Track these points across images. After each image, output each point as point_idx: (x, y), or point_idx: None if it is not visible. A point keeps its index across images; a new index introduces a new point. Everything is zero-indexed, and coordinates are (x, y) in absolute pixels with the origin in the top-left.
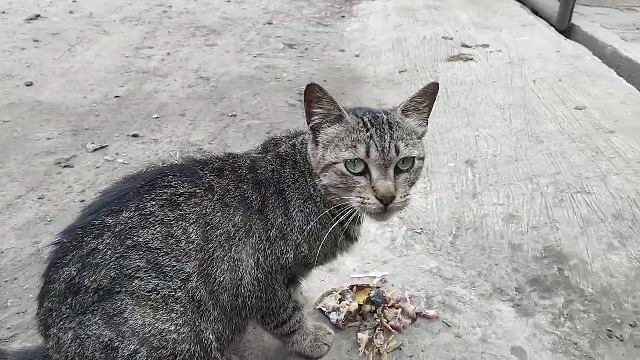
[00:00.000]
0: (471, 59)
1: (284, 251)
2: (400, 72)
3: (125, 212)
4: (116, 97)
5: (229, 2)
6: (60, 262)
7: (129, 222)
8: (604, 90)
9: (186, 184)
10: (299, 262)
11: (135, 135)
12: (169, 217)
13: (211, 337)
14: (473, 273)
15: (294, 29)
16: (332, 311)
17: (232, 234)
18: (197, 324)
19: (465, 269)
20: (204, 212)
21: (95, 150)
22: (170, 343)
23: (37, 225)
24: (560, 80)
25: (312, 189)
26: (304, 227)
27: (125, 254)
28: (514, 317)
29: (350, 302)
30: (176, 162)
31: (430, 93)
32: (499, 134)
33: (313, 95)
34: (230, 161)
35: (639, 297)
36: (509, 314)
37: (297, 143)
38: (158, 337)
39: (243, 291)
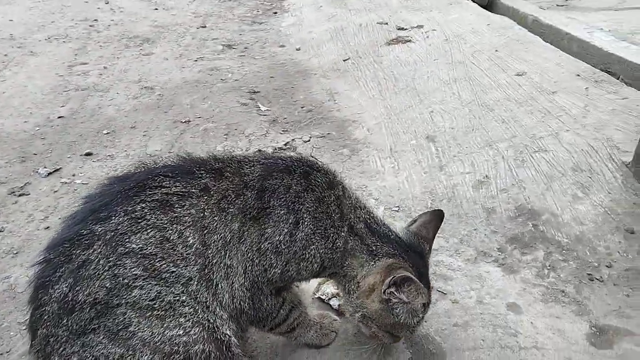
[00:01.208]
0: (409, 41)
1: (274, 265)
2: (344, 60)
3: (114, 217)
4: (59, 117)
5: (156, 9)
6: (49, 280)
7: (118, 227)
8: (538, 55)
9: (179, 184)
10: (284, 279)
11: (89, 154)
12: (161, 220)
13: (228, 332)
14: (455, 240)
15: (229, 30)
16: (332, 297)
17: (228, 240)
18: (210, 321)
19: (447, 238)
20: (201, 215)
21: (49, 174)
22: (182, 346)
23: (3, 260)
24: (496, 50)
25: (337, 247)
26: (303, 255)
27: (118, 262)
28: (501, 276)
29: None
30: (169, 161)
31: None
32: (451, 107)
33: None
34: (234, 164)
35: (609, 239)
36: (497, 274)
37: (343, 196)
38: (168, 343)
39: (236, 295)
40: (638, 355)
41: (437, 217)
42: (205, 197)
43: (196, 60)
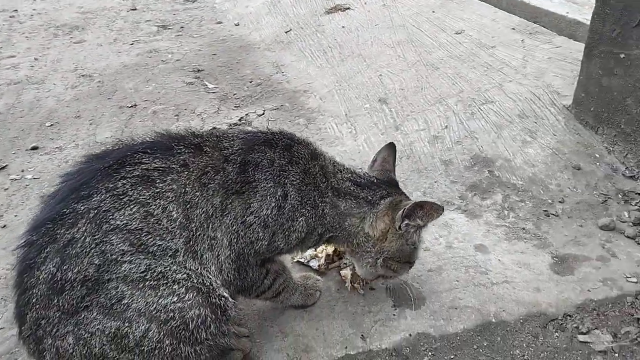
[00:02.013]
0: (348, 8)
1: (261, 238)
2: (286, 32)
3: (95, 194)
4: None
5: None
6: (34, 262)
7: (101, 204)
8: (473, 13)
9: (158, 160)
10: (271, 250)
11: (35, 148)
12: (144, 195)
13: (224, 294)
14: (418, 194)
15: (162, 10)
16: (311, 259)
17: (210, 214)
18: (205, 284)
19: (410, 193)
20: (182, 190)
21: None
22: (177, 312)
23: None
24: (433, 11)
25: (325, 213)
26: (292, 227)
27: (104, 239)
28: (466, 221)
29: (326, 246)
30: (147, 138)
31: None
32: (398, 69)
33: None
34: (213, 139)
35: (559, 177)
36: (461, 220)
37: (326, 165)
38: (163, 311)
39: (223, 267)
40: (595, 276)
41: (391, 149)
42: (186, 173)
43: (132, 44)
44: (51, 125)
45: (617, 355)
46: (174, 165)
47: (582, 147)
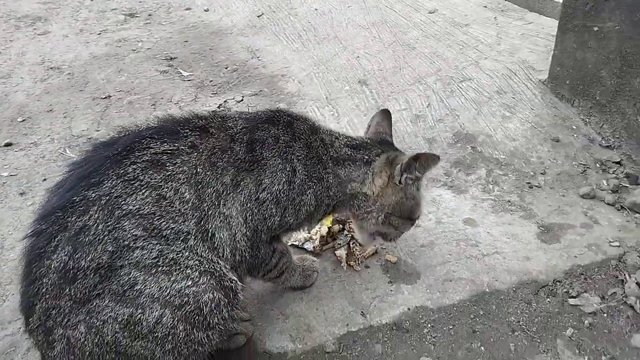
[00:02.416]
0: None
1: (274, 214)
2: (258, 16)
3: (106, 181)
4: None
5: None
6: (44, 251)
7: (112, 191)
8: None
9: (166, 143)
10: (282, 226)
11: (8, 144)
12: (155, 179)
13: (234, 277)
14: None
15: None
16: (305, 242)
17: (221, 192)
18: (217, 269)
19: None
20: (193, 171)
21: None
22: (192, 297)
23: None
24: None
25: (330, 184)
26: (301, 201)
27: (117, 225)
28: (453, 196)
29: (320, 228)
30: (152, 124)
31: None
32: (375, 50)
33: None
34: (217, 120)
35: (539, 149)
36: (448, 196)
37: (324, 138)
38: (177, 295)
39: (238, 246)
40: (580, 243)
41: (385, 114)
42: (195, 154)
43: (100, 34)
44: (23, 120)
45: (605, 315)
46: (182, 148)
47: (559, 119)
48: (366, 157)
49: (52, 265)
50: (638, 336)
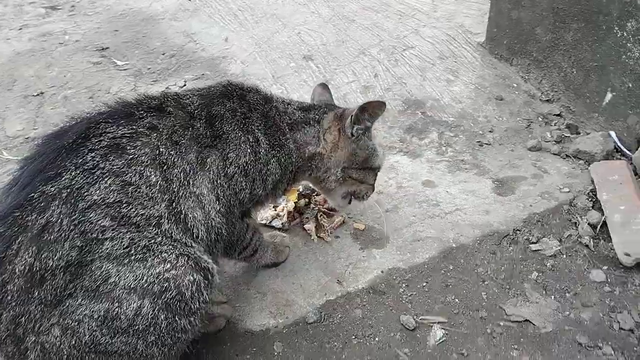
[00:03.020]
0: None
1: (244, 187)
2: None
3: (64, 173)
4: None
5: None
6: (4, 255)
7: (73, 183)
8: None
9: (123, 127)
10: (252, 198)
11: None
12: (117, 164)
13: (209, 260)
14: None
15: None
16: (273, 219)
17: (188, 171)
18: (191, 252)
19: None
20: (156, 152)
21: None
22: (172, 281)
23: None
24: None
25: (291, 150)
26: (268, 170)
27: (83, 218)
28: (410, 161)
29: (286, 204)
30: (103, 109)
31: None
32: (316, 25)
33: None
34: (172, 98)
35: (485, 109)
36: (405, 161)
37: (279, 107)
38: (156, 281)
39: (213, 224)
40: (534, 192)
41: (324, 87)
42: (155, 134)
43: (20, 29)
44: None
45: (565, 256)
46: (141, 129)
47: (500, 79)
48: (317, 116)
49: (17, 270)
50: (595, 271)
